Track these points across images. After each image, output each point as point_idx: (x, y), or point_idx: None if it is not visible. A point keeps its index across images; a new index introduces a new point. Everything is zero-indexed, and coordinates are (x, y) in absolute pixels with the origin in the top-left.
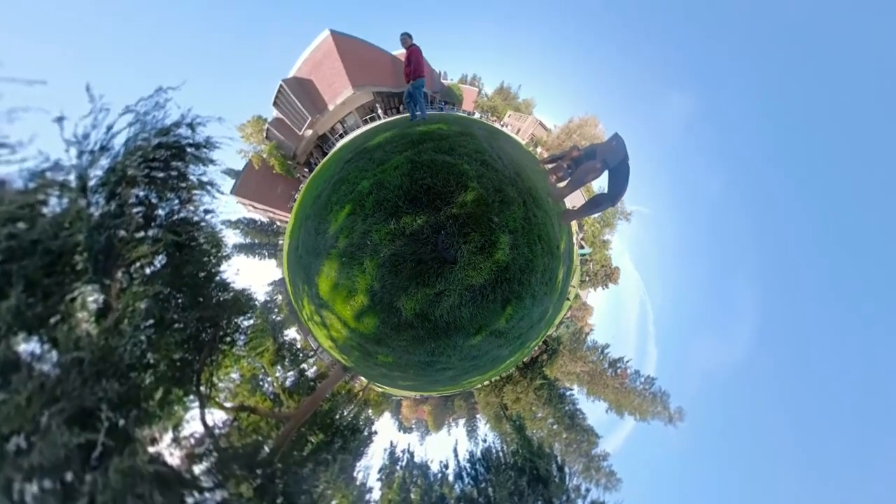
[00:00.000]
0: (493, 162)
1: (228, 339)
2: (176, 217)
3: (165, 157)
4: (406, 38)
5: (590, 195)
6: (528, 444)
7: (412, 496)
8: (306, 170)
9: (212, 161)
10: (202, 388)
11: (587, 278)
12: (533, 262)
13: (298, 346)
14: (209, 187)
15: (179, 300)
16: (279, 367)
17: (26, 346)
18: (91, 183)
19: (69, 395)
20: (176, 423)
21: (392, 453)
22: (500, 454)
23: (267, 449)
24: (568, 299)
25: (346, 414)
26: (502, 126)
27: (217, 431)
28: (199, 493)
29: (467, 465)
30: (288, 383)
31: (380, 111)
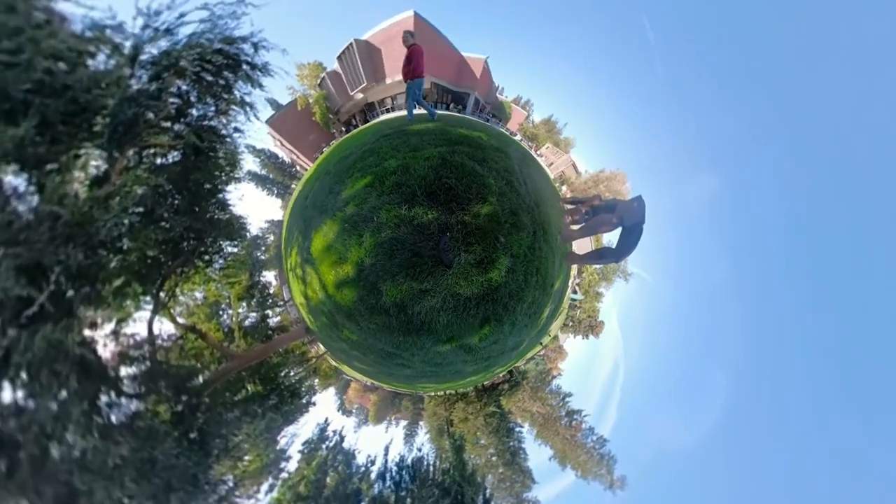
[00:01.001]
0: (517, 185)
1: (207, 257)
2: (206, 123)
3: (221, 64)
4: (407, 37)
5: (598, 246)
6: (463, 467)
7: (328, 480)
8: (343, 129)
9: (261, 85)
10: (161, 294)
11: (571, 323)
12: (524, 292)
13: (271, 291)
14: (248, 108)
15: (176, 202)
16: (244, 305)
17: (13, 180)
18: (142, 57)
19: (32, 244)
20: (122, 317)
21: (323, 430)
22: (431, 468)
23: (201, 379)
24: (548, 335)
25: (291, 375)
26: (537, 155)
27: (159, 342)
28: (117, 395)
29: (394, 467)
30: (246, 323)
31: (430, 102)
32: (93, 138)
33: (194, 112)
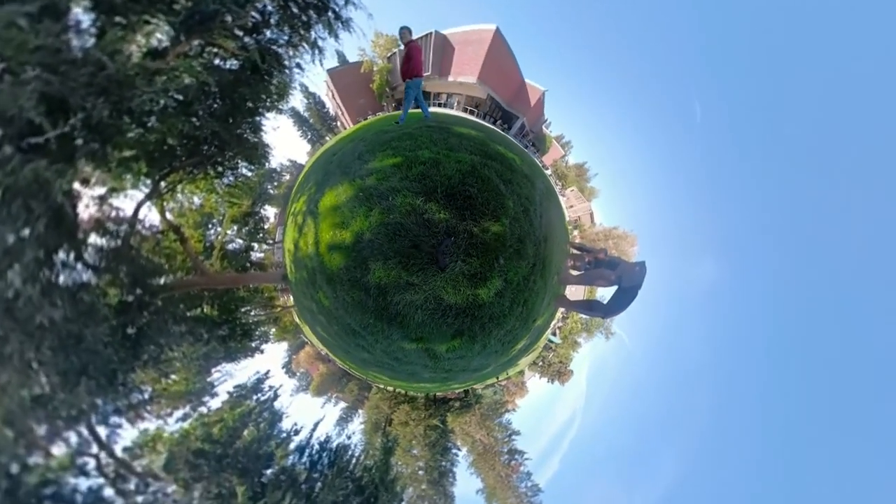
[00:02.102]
0: (533, 215)
1: (220, 169)
2: (274, 47)
3: (310, 2)
4: (406, 33)
5: (590, 297)
6: (386, 470)
7: (245, 433)
8: (394, 105)
9: (337, 36)
10: (162, 184)
11: (541, 363)
12: (505, 318)
13: (265, 227)
14: (317, 52)
15: (215, 106)
16: (234, 228)
17: (80, 14)
18: None
19: (68, 80)
20: (116, 187)
21: (260, 381)
22: (353, 460)
23: (162, 281)
24: (515, 367)
25: (251, 314)
26: (561, 194)
27: (139, 228)
28: (75, 259)
29: (316, 446)
30: (229, 246)
31: (481, 112)
32: (169, 14)
33: (268, 34)
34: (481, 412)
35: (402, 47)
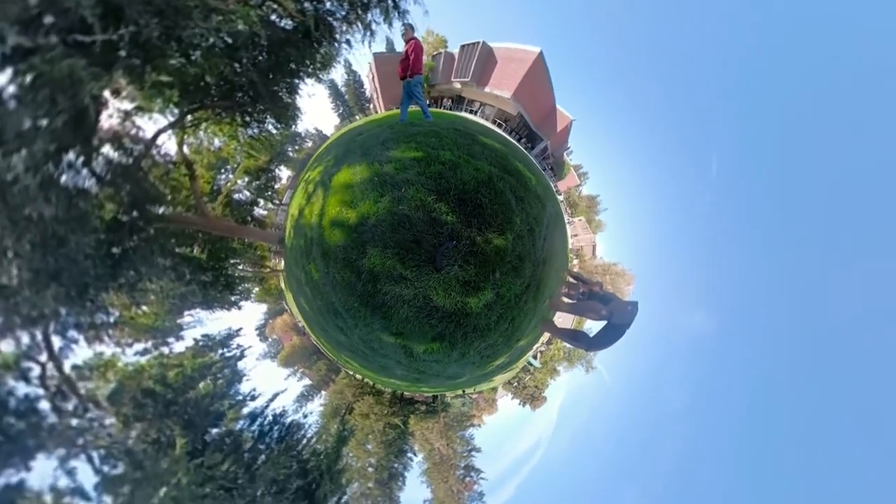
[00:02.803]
0: (537, 236)
1: (248, 119)
2: (329, 18)
3: None
4: (408, 30)
5: (578, 327)
6: (335, 459)
7: (201, 385)
8: (427, 103)
9: (391, 24)
10: (188, 117)
11: (516, 384)
12: (489, 332)
13: (276, 187)
14: (369, 34)
15: (259, 58)
16: (245, 180)
17: None
18: None
19: None
20: (143, 107)
21: (229, 337)
22: (304, 442)
23: (161, 210)
24: (490, 383)
25: (239, 268)
26: (568, 222)
27: (153, 153)
28: (83, 164)
29: (270, 417)
30: (236, 196)
31: (509, 126)
32: None
33: (328, 4)
34: (446, 421)
35: (402, 48)
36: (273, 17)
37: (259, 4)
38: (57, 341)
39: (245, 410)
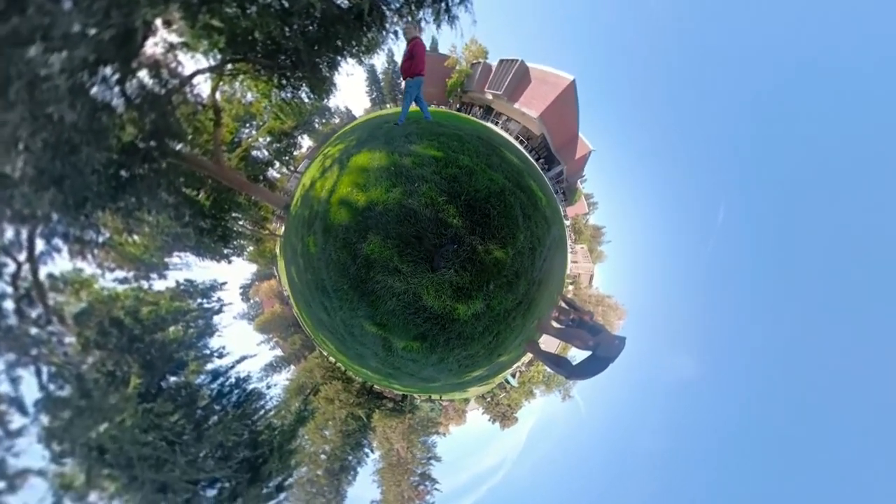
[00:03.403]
0: (537, 256)
1: (284, 82)
2: (383, 7)
3: None
4: (410, 29)
5: (562, 353)
6: (289, 438)
7: (170, 329)
8: (457, 106)
9: (439, 25)
10: (228, 66)
11: (489, 399)
12: (472, 342)
13: (294, 153)
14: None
15: (310, 28)
16: (267, 139)
17: None
18: None
19: None
20: (188, 43)
21: (211, 288)
22: (262, 413)
23: (178, 147)
24: (463, 393)
25: (238, 223)
26: (570, 247)
27: (186, 90)
28: (118, 81)
29: (233, 379)
30: (253, 153)
31: (530, 145)
32: None
33: None
34: (411, 423)
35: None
36: None
37: None
38: (40, 245)
39: (209, 366)
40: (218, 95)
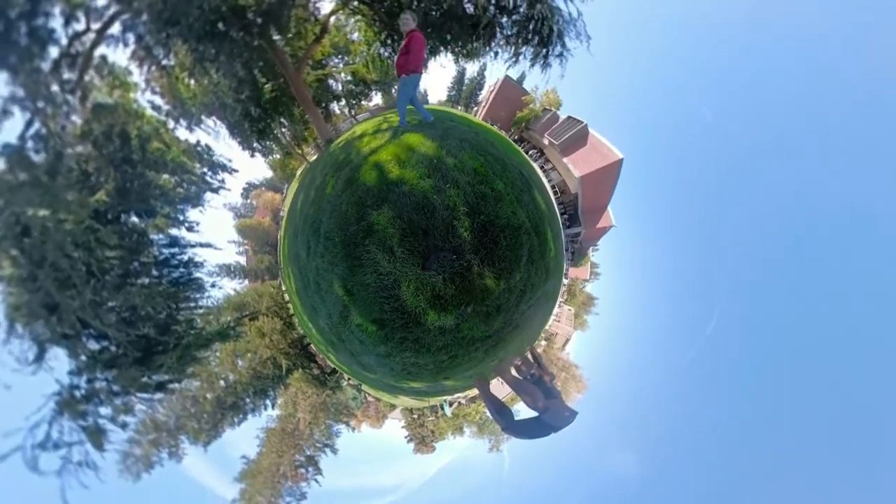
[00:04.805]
0: (524, 301)
1: (388, 41)
2: (496, 27)
3: (542, 35)
4: (407, 20)
5: (509, 401)
6: (199, 345)
7: (163, 176)
8: (516, 137)
9: (532, 65)
10: (354, 3)
11: (416, 416)
12: (426, 353)
13: (361, 103)
14: (513, 61)
15: (433, 13)
16: (346, 78)
17: None
18: None
19: None
20: None
21: (220, 166)
22: (192, 304)
23: (275, 36)
24: (394, 398)
25: (281, 130)
26: (558, 304)
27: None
28: None
29: (185, 258)
30: (329, 81)
31: (560, 199)
32: None
33: (504, 19)
34: (326, 400)
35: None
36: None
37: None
38: (116, 28)
39: (173, 231)
40: (332, 19)
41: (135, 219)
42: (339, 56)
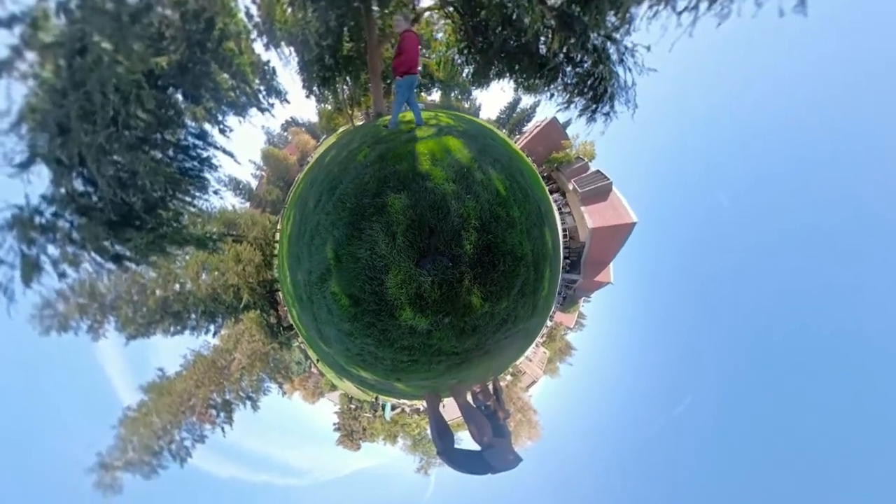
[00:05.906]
0: (503, 329)
1: (465, 52)
2: (560, 73)
3: (598, 92)
4: (400, 21)
5: (454, 426)
6: (175, 242)
7: (222, 73)
8: (544, 174)
9: (581, 115)
10: (450, 9)
11: (354, 407)
12: (388, 347)
13: (421, 94)
14: (564, 107)
15: (511, 41)
16: (421, 67)
17: None
18: None
19: None
20: None
21: (275, 91)
22: (186, 198)
23: (375, 7)
24: (338, 381)
25: (342, 87)
26: (535, 344)
27: None
28: None
29: (205, 155)
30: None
31: (569, 243)
32: None
33: (579, 56)
34: (270, 353)
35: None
36: (544, 38)
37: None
38: None
39: (207, 126)
40: (427, 14)
41: (179, 97)
42: (419, 47)
